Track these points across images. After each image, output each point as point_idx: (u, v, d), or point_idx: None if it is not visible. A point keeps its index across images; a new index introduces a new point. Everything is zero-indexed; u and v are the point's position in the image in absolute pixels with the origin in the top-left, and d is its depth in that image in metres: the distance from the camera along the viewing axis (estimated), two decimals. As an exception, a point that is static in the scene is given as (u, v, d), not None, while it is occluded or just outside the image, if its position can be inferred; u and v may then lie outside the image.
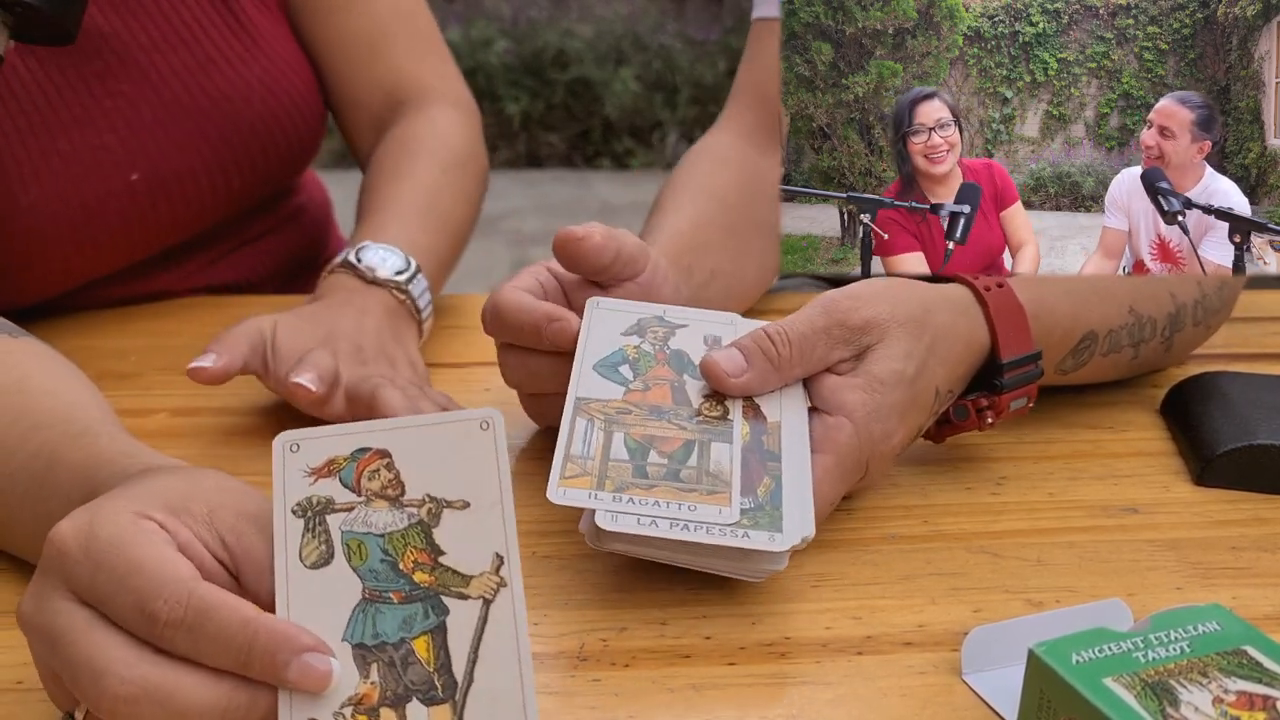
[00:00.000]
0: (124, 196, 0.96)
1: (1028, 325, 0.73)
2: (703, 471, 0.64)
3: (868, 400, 0.68)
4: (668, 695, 0.58)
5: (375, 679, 0.49)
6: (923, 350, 0.70)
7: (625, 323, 0.72)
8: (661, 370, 0.70)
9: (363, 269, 0.88)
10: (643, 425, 0.66)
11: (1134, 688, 0.51)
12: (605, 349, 0.70)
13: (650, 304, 0.74)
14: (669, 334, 0.72)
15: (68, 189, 0.93)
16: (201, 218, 1.03)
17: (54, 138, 0.93)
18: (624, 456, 0.64)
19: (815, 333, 0.69)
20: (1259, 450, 0.75)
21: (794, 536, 0.62)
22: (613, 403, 0.67)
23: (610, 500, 0.62)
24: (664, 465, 0.64)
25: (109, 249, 0.98)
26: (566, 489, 0.62)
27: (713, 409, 0.68)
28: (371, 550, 0.51)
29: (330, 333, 0.82)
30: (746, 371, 0.68)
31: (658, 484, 0.63)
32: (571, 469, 0.63)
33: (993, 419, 0.73)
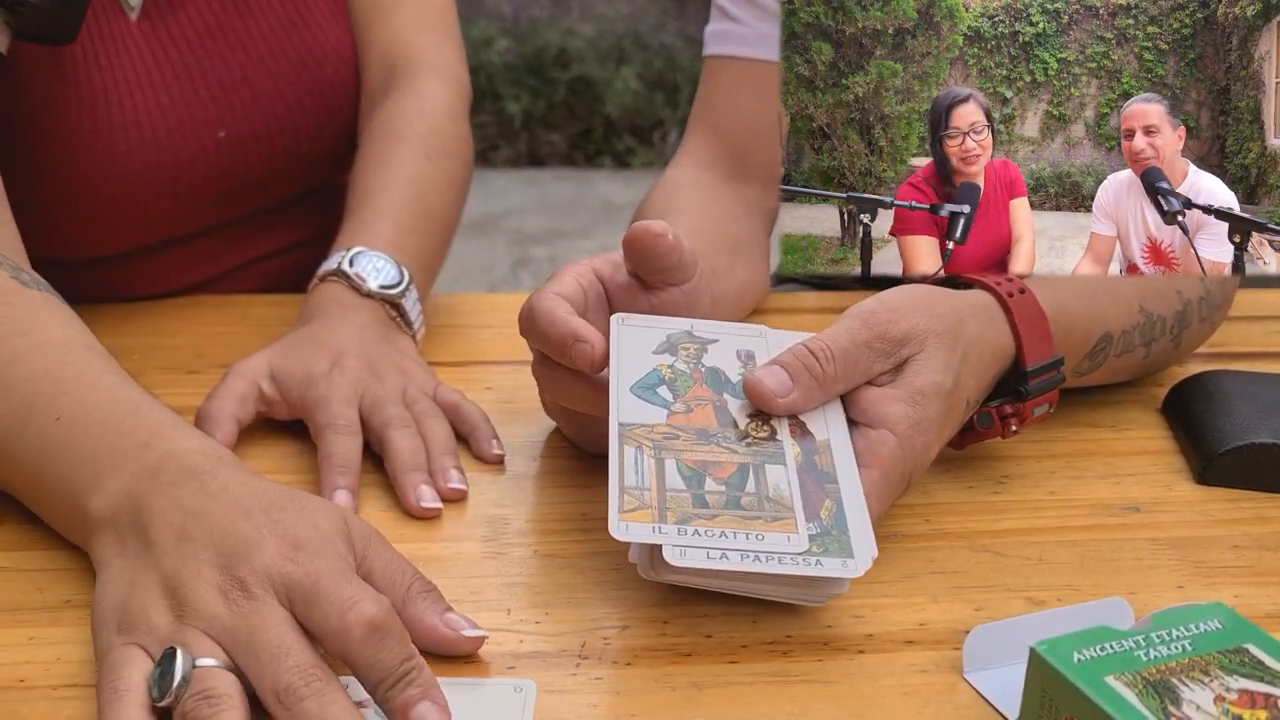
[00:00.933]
0: (211, 153, 0.99)
1: (1050, 332, 0.72)
2: (763, 498, 0.62)
3: (911, 413, 0.67)
4: (669, 694, 0.58)
5: None
6: (957, 362, 0.69)
7: (655, 340, 0.70)
8: (701, 390, 0.68)
9: (355, 279, 0.87)
10: (693, 450, 0.64)
11: (1136, 686, 0.51)
12: (639, 369, 0.68)
13: (675, 319, 0.72)
14: (701, 351, 0.70)
15: (163, 141, 0.96)
16: (273, 183, 1.06)
17: (157, 91, 0.96)
18: (680, 485, 0.62)
19: (858, 346, 0.67)
20: (1260, 449, 0.75)
21: (865, 561, 0.60)
22: (658, 427, 0.65)
23: (675, 533, 0.60)
24: (722, 493, 0.62)
25: (190, 205, 1.01)
26: (629, 524, 0.60)
27: (759, 429, 0.66)
28: None
29: (338, 353, 0.81)
30: (793, 391, 0.67)
31: (720, 513, 0.61)
32: (629, 501, 0.61)
33: (1017, 426, 0.73)
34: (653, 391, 0.67)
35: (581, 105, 5.33)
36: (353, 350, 0.81)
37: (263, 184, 1.05)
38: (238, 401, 0.78)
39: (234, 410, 0.78)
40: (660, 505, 0.61)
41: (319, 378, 0.79)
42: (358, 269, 0.88)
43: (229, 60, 0.99)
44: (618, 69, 5.35)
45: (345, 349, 0.81)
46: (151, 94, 0.96)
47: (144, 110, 0.95)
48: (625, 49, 5.47)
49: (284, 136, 1.03)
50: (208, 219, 1.04)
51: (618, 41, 5.48)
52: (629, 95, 5.26)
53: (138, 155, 0.95)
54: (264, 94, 1.01)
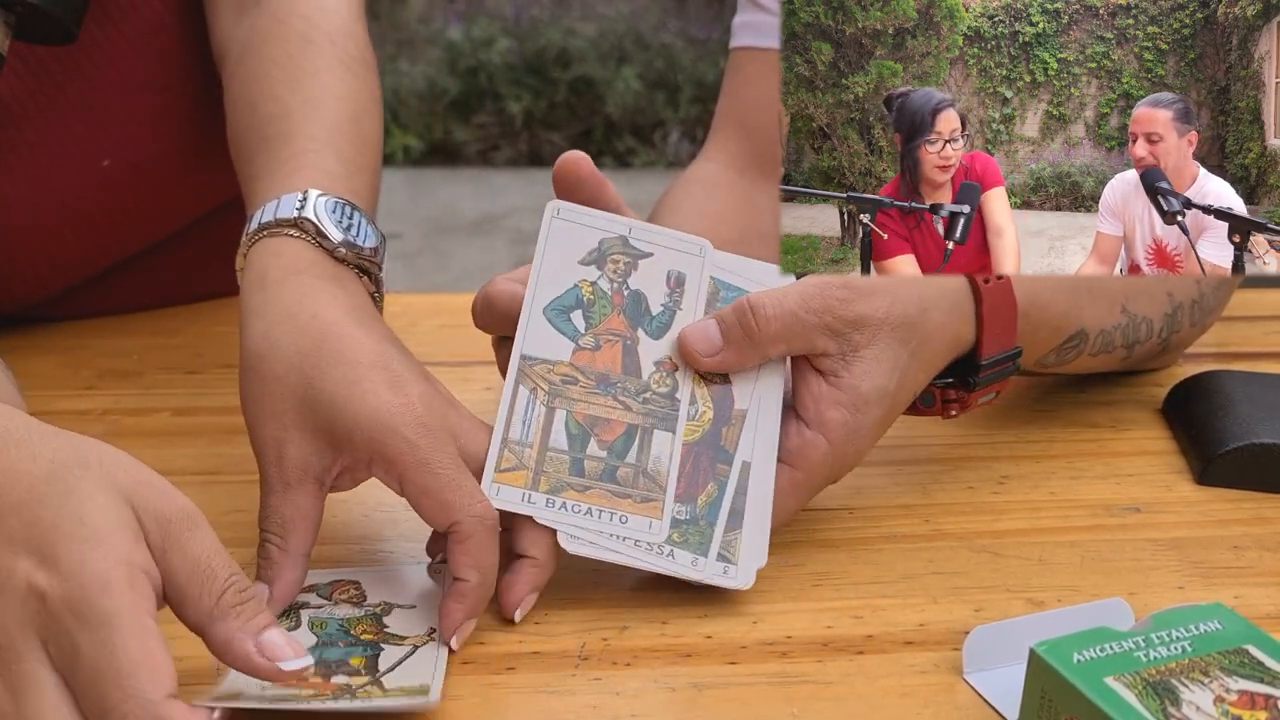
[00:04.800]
0: (98, 185, 0.90)
1: (1015, 323, 0.71)
2: (640, 471, 0.62)
3: (849, 420, 0.66)
4: (669, 694, 0.58)
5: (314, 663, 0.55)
6: (907, 357, 0.67)
7: (586, 244, 0.66)
8: (615, 321, 0.65)
9: (322, 233, 0.65)
10: (587, 401, 0.63)
11: (1135, 687, 0.51)
12: (560, 283, 0.65)
13: (616, 217, 0.68)
14: (631, 266, 0.67)
15: (38, 180, 0.88)
16: (184, 203, 0.97)
17: (19, 129, 0.87)
18: (563, 445, 0.62)
19: (807, 312, 0.65)
20: (1261, 449, 0.75)
21: (748, 573, 0.61)
22: (559, 366, 0.63)
23: (544, 504, 0.60)
24: (602, 460, 0.62)
25: (92, 243, 0.93)
26: (501, 486, 0.60)
27: (661, 383, 0.64)
28: (330, 625, 0.60)
29: (395, 379, 0.61)
30: (721, 350, 0.65)
31: (593, 485, 0.61)
32: (508, 459, 0.61)
33: (957, 411, 0.72)
34: (564, 317, 0.65)
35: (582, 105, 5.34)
36: (409, 377, 0.62)
37: (176, 207, 0.95)
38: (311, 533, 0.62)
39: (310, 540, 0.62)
40: (537, 468, 0.61)
41: None
42: (320, 218, 0.65)
43: (98, 84, 0.87)
44: (619, 69, 5.36)
45: (396, 372, 0.61)
46: (15, 132, 0.85)
47: (10, 150, 0.86)
48: (626, 49, 5.47)
49: (183, 157, 0.91)
50: (121, 252, 0.95)
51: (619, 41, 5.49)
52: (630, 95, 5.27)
53: (15, 201, 0.86)
54: (145, 114, 0.89)
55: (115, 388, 0.88)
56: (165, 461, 0.78)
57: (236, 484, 0.75)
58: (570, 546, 0.61)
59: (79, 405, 0.86)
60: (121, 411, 0.85)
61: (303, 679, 0.53)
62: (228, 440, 0.82)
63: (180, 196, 0.97)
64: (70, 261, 0.94)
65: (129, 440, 0.81)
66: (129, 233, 0.96)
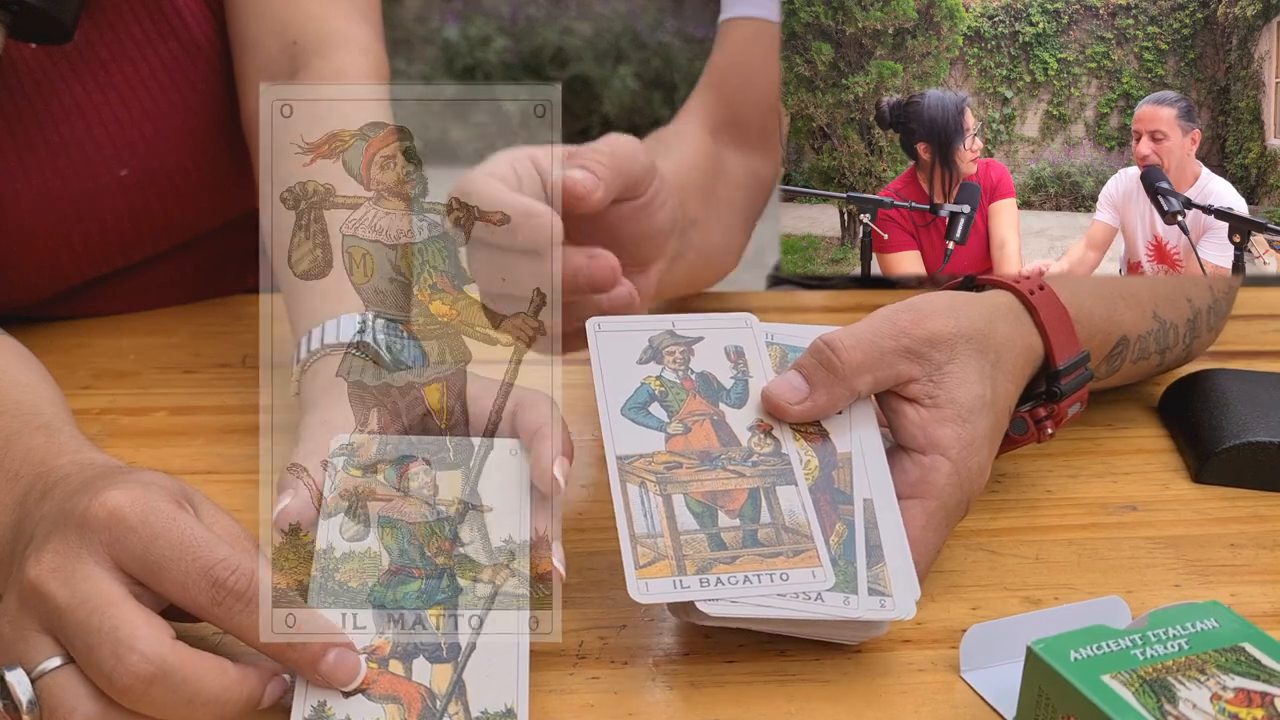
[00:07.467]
0: (115, 193, 0.93)
1: (1073, 327, 0.69)
2: (780, 528, 0.60)
3: (961, 434, 0.63)
4: (667, 693, 0.58)
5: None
6: (990, 368, 0.65)
7: (637, 346, 0.66)
8: (695, 403, 0.64)
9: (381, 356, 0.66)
10: (699, 480, 0.61)
11: (1132, 685, 0.51)
12: (626, 386, 0.64)
13: (652, 317, 0.67)
14: (688, 353, 0.66)
15: (55, 182, 0.90)
16: (197, 218, 1.00)
17: (43, 129, 0.89)
18: (692, 525, 0.60)
19: (882, 338, 0.63)
20: (1257, 447, 0.76)
21: (907, 604, 0.59)
22: (658, 456, 0.62)
23: (698, 585, 0.58)
24: (737, 528, 0.60)
25: (100, 247, 0.95)
26: (648, 581, 0.58)
27: (763, 443, 0.63)
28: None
29: None
30: (809, 395, 0.63)
31: (739, 553, 0.59)
32: (644, 554, 0.58)
33: (1052, 429, 0.69)
34: (644, 412, 0.64)
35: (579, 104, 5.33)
36: None
37: (191, 218, 0.97)
38: None
39: None
40: (677, 554, 0.59)
41: None
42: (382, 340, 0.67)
43: (126, 94, 0.92)
44: (615, 68, 5.35)
45: None
46: (38, 131, 0.89)
47: (29, 149, 0.88)
48: (623, 48, 5.47)
49: (200, 171, 0.95)
50: (125, 259, 0.97)
51: (615, 40, 5.48)
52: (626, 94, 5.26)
53: (29, 201, 0.89)
54: (169, 127, 0.93)
55: (113, 387, 0.88)
56: (162, 461, 0.78)
57: (234, 483, 0.75)
58: (712, 610, 0.58)
59: (76, 405, 0.85)
60: (118, 411, 0.85)
61: None
62: (223, 440, 0.82)
63: (193, 211, 0.98)
64: (74, 264, 0.95)
65: (126, 440, 0.81)
66: (136, 241, 0.97)
